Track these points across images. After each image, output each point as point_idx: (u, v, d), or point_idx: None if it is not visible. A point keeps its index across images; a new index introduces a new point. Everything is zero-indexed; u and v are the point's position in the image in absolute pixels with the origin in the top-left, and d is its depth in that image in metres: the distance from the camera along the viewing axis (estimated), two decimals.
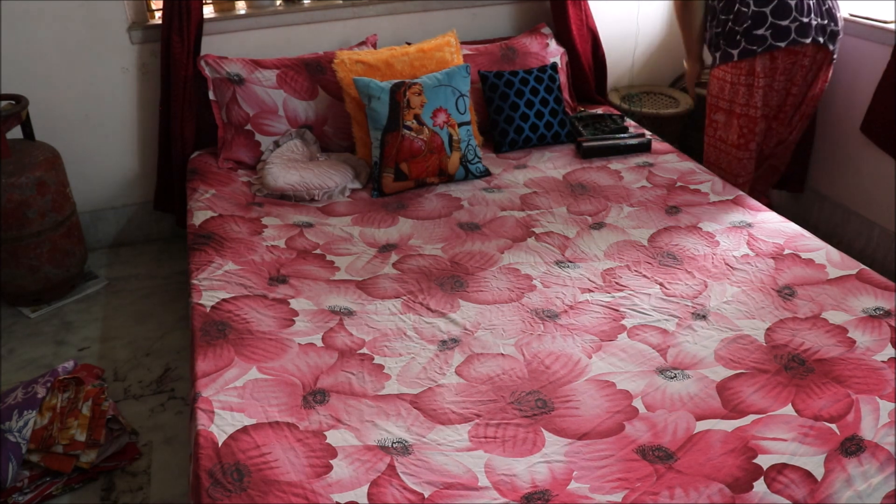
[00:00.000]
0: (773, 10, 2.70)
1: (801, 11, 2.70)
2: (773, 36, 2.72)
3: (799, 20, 2.70)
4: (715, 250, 2.35)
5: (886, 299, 2.08)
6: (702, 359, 1.90)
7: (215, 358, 1.89)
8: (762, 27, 2.71)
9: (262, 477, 1.55)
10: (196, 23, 2.95)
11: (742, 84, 2.83)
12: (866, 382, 1.78)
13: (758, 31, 2.72)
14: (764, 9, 2.70)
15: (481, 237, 2.48)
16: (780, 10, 2.69)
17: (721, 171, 2.99)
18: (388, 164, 2.75)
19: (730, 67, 2.83)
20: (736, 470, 1.56)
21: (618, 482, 1.55)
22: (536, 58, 3.29)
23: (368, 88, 2.77)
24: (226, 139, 3.00)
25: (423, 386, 1.83)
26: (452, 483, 1.55)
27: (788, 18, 2.69)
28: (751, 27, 2.73)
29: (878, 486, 1.52)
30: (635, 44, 3.75)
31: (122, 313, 2.89)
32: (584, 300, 2.15)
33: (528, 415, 1.74)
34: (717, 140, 3.01)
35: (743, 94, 2.84)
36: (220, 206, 2.64)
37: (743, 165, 2.96)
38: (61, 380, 2.21)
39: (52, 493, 2.09)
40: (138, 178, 3.29)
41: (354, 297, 2.17)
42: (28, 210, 2.71)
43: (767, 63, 2.78)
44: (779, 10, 2.69)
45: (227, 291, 2.16)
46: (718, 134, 2.99)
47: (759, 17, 2.71)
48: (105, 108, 3.12)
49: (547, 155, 3.06)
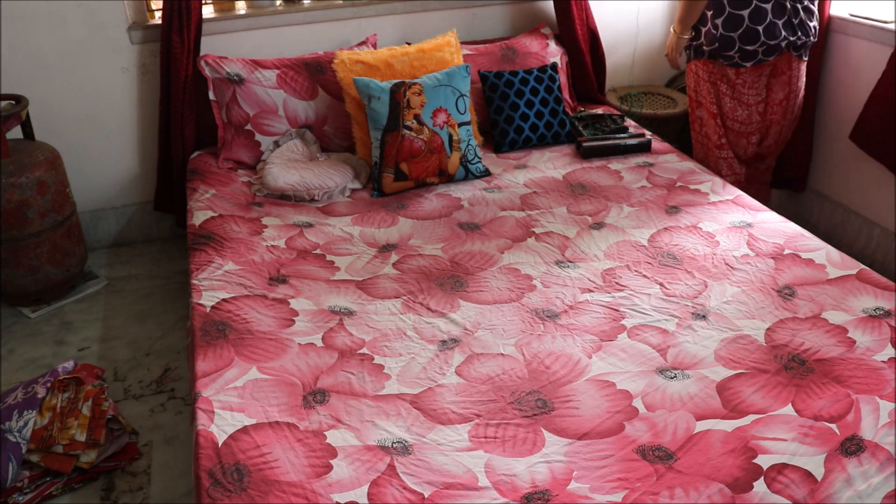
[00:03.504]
0: (740, 35, 2.69)
1: (771, 35, 2.69)
2: (741, 57, 2.75)
3: (767, 44, 2.70)
4: (715, 250, 2.35)
5: (886, 299, 2.08)
6: (702, 359, 1.90)
7: (215, 358, 1.89)
8: (731, 49, 2.73)
9: (262, 477, 1.55)
10: (196, 23, 2.95)
11: (711, 83, 2.87)
12: (866, 382, 1.78)
13: (726, 52, 2.75)
14: (732, 34, 2.70)
15: (481, 237, 2.48)
16: (747, 37, 2.69)
17: (709, 168, 3.00)
18: (388, 164, 2.75)
19: (702, 64, 2.87)
20: (736, 470, 1.56)
21: (618, 482, 1.55)
22: (536, 58, 3.29)
23: (368, 88, 2.77)
24: (226, 139, 3.00)
25: (423, 386, 1.83)
26: (452, 483, 1.55)
27: (756, 44, 2.70)
28: (719, 49, 2.76)
29: (878, 486, 1.52)
30: (635, 44, 3.75)
31: (122, 313, 2.89)
32: (584, 300, 2.15)
33: (528, 415, 1.74)
34: (702, 136, 3.04)
35: (713, 94, 2.88)
36: (220, 206, 2.64)
37: (729, 165, 2.99)
38: (61, 380, 2.21)
39: (52, 493, 2.09)
40: (138, 178, 3.29)
41: (354, 297, 2.17)
42: (28, 210, 2.71)
43: (733, 76, 2.82)
44: (745, 37, 2.69)
45: (227, 291, 2.16)
46: (704, 131, 3.02)
47: (727, 40, 2.72)
48: (105, 108, 3.12)
49: (547, 155, 3.06)
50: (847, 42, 2.99)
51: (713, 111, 2.92)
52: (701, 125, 3.02)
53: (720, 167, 3.00)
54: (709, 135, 2.98)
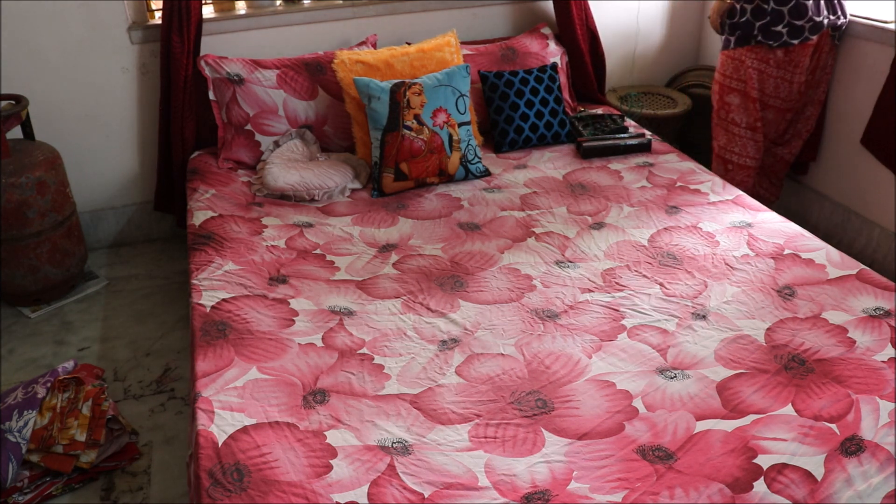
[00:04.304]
0: (790, 9, 2.81)
1: (817, 12, 2.82)
2: (789, 34, 2.84)
3: (813, 20, 2.82)
4: (715, 250, 2.35)
5: (886, 299, 2.08)
6: (702, 359, 1.90)
7: (215, 358, 1.89)
8: (780, 24, 2.83)
9: (262, 477, 1.55)
10: (196, 23, 2.95)
11: (755, 68, 2.94)
12: (866, 382, 1.78)
13: (776, 27, 2.83)
14: (783, 7, 2.81)
15: (481, 237, 2.48)
16: (797, 11, 2.81)
17: (732, 154, 3.08)
18: (388, 164, 2.75)
19: (746, 51, 2.94)
20: (736, 470, 1.56)
21: (618, 482, 1.55)
22: (536, 58, 3.29)
23: (368, 88, 2.77)
24: (226, 139, 3.00)
25: (423, 386, 1.83)
26: (452, 483, 1.55)
27: (804, 18, 2.81)
28: (768, 24, 2.84)
29: (878, 486, 1.52)
30: (635, 44, 3.75)
31: (122, 313, 2.89)
32: (584, 300, 2.15)
33: (528, 415, 1.74)
34: (728, 123, 3.08)
35: (756, 79, 2.95)
36: (220, 206, 2.64)
37: (757, 148, 3.06)
38: (61, 380, 2.21)
39: (52, 493, 2.09)
40: (138, 178, 3.29)
41: (354, 297, 2.17)
42: (28, 210, 2.71)
43: (781, 55, 2.90)
44: (795, 10, 2.81)
45: (227, 291, 2.16)
46: (731, 116, 3.06)
47: (777, 14, 2.83)
48: (105, 108, 3.12)
49: (547, 155, 3.06)
50: (847, 42, 2.99)
51: (754, 95, 2.98)
52: (728, 111, 3.06)
53: (746, 151, 3.06)
54: (735, 120, 3.04)
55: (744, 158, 3.07)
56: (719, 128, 3.13)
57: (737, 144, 3.07)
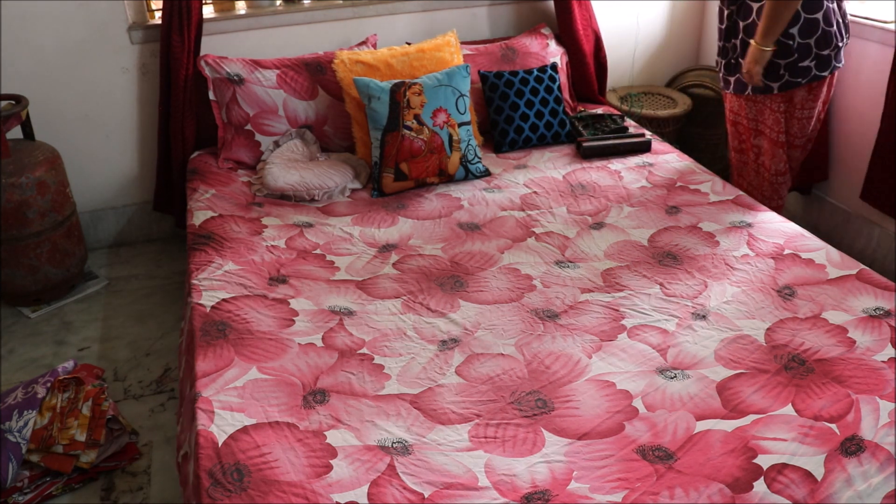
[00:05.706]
0: (816, 40, 2.57)
1: (840, 37, 2.62)
2: (817, 66, 2.61)
3: (837, 47, 2.61)
4: (715, 250, 2.35)
5: (886, 299, 2.08)
6: (702, 359, 1.90)
7: (215, 358, 1.89)
8: (807, 59, 2.59)
9: (262, 477, 1.55)
10: (196, 23, 2.95)
11: (780, 112, 2.72)
12: (866, 382, 1.78)
13: (803, 62, 2.60)
14: (808, 41, 2.57)
15: (481, 237, 2.48)
16: (825, 41, 2.58)
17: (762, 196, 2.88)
18: (388, 164, 2.75)
19: (767, 98, 2.72)
20: (736, 470, 1.56)
21: (618, 482, 1.55)
22: (536, 58, 3.29)
23: (368, 88, 2.77)
24: (226, 139, 3.00)
25: (423, 386, 1.83)
26: (452, 483, 1.55)
27: (830, 47, 2.59)
28: (796, 60, 2.60)
29: (878, 486, 1.52)
30: (635, 44, 3.75)
31: (122, 313, 2.89)
32: (584, 300, 2.15)
33: (528, 415, 1.74)
34: (758, 166, 2.87)
35: (781, 123, 2.73)
36: (220, 206, 2.64)
37: (784, 189, 2.89)
38: (61, 380, 2.21)
39: (52, 493, 2.09)
40: (138, 178, 3.29)
41: (354, 297, 2.17)
42: (28, 210, 2.71)
43: (804, 93, 2.69)
44: (822, 41, 2.58)
45: (227, 291, 2.16)
46: (761, 160, 2.85)
47: (804, 49, 2.58)
48: (105, 108, 3.12)
49: (547, 155, 3.06)
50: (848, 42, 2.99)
51: (780, 140, 2.76)
52: (758, 154, 2.85)
53: (778, 194, 2.87)
54: (766, 164, 2.82)
55: (776, 201, 2.89)
56: (749, 170, 2.91)
57: (767, 188, 2.88)
